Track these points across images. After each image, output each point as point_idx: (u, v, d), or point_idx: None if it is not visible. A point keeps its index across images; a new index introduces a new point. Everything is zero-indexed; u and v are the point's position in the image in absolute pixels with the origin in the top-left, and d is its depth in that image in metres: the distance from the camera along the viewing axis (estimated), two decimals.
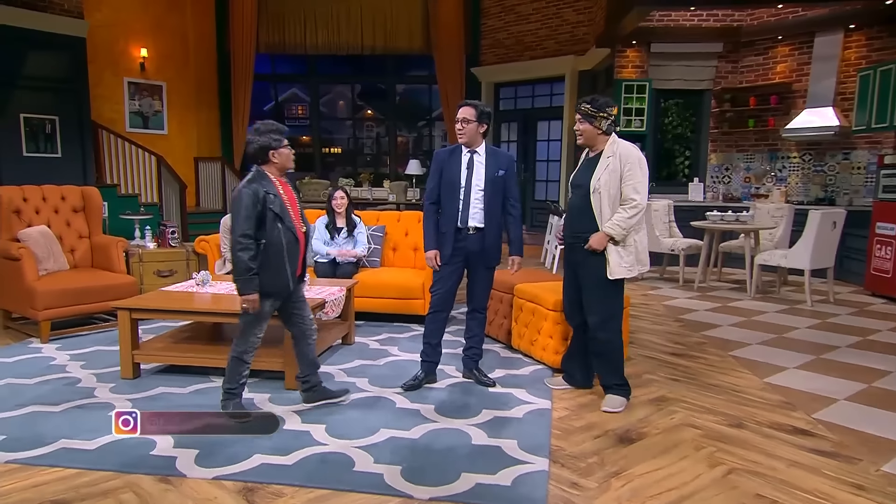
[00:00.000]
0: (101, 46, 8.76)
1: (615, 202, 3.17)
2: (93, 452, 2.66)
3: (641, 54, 8.40)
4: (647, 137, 8.49)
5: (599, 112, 3.16)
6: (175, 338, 3.94)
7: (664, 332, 4.88)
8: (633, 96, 8.28)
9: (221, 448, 2.72)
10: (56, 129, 7.65)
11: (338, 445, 2.77)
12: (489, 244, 3.45)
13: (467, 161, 3.41)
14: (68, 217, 5.04)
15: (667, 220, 7.33)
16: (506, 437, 2.87)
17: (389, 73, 12.34)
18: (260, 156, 2.98)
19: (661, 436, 2.95)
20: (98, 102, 8.66)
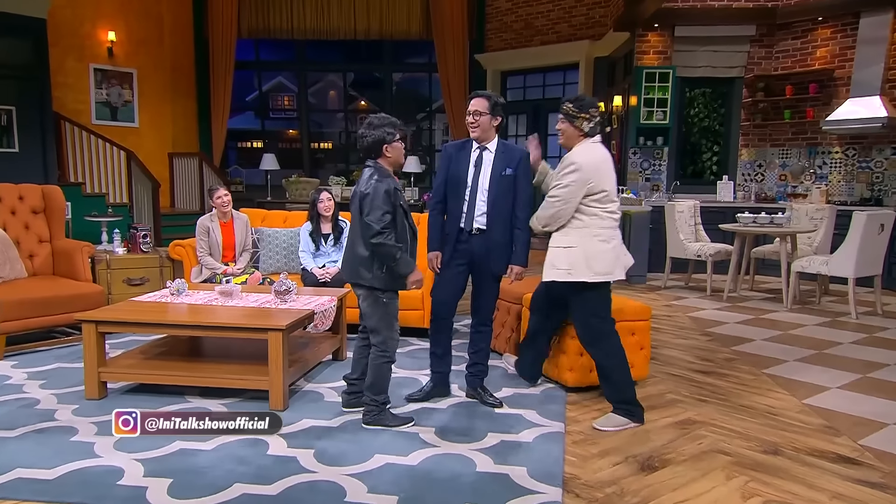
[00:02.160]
0: (63, 29, 8.80)
1: None
2: (53, 482, 2.65)
3: (665, 39, 8.42)
4: (671, 131, 8.51)
5: (581, 113, 3.30)
6: (147, 353, 3.93)
7: (690, 347, 4.87)
8: (655, 85, 8.30)
9: (197, 476, 2.70)
10: (13, 120, 7.67)
11: (328, 473, 2.76)
12: (494, 249, 3.45)
13: (476, 158, 3.44)
14: (27, 219, 5.05)
15: (692, 223, 7.34)
16: (514, 463, 2.86)
17: (385, 60, 12.37)
18: (374, 150, 3.20)
19: (687, 463, 2.94)
20: (61, 91, 8.69)
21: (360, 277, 3.21)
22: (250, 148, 13.76)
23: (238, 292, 4.10)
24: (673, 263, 7.24)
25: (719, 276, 7.04)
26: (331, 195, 5.13)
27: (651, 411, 3.56)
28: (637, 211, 7.40)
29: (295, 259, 5.18)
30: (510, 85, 11.65)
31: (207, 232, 5.04)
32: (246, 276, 4.95)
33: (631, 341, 3.85)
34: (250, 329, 3.51)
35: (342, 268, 3.49)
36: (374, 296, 3.21)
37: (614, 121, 9.69)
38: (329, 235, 5.08)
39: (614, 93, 9.59)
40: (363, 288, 3.23)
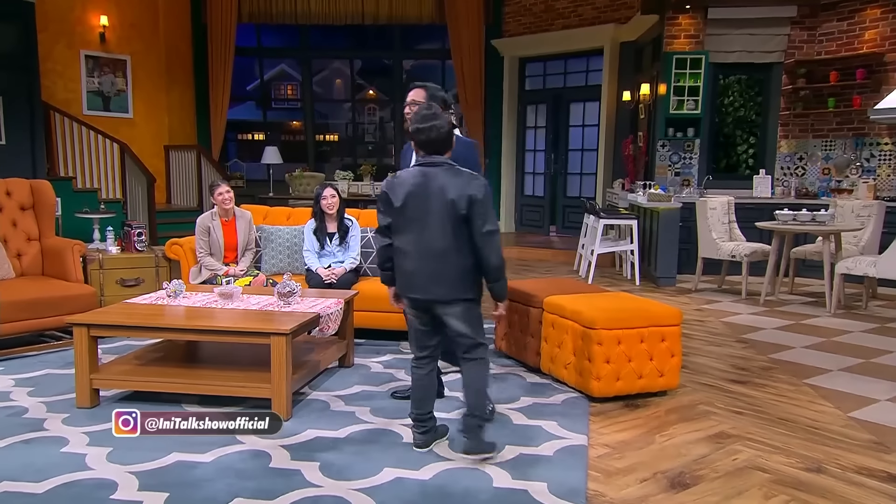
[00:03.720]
0: (52, 13, 8.89)
1: None
2: (41, 497, 2.67)
3: (697, 22, 8.37)
4: (703, 121, 8.46)
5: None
6: (142, 359, 3.96)
7: (724, 355, 4.84)
8: (686, 72, 8.25)
9: (195, 490, 2.72)
10: (0, 112, 7.75)
11: (334, 487, 2.76)
12: None
13: (414, 157, 3.29)
14: (14, 216, 5.11)
15: (726, 221, 7.29)
16: (534, 478, 2.86)
17: (395, 46, 12.41)
18: (448, 142, 3.00)
19: (721, 480, 2.91)
20: (50, 80, 8.79)
21: (464, 292, 2.99)
22: (251, 140, 13.87)
23: (239, 294, 4.12)
24: (705, 264, 7.19)
25: (755, 278, 6.98)
26: (335, 191, 5.14)
27: (682, 424, 3.55)
28: (665, 208, 7.36)
29: (299, 259, 5.20)
30: (529, 72, 11.63)
31: (208, 231, 5.07)
32: (250, 277, 4.97)
33: (661, 348, 3.84)
34: (252, 333, 3.53)
35: (422, 288, 3.02)
36: (471, 306, 3.05)
37: (641, 111, 9.65)
38: (334, 234, 5.09)
39: (641, 80, 9.55)
40: (462, 303, 3.01)
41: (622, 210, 8.21)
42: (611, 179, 10.45)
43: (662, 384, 3.91)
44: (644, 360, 3.82)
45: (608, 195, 10.06)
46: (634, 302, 4.28)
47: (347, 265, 5.01)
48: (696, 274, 7.23)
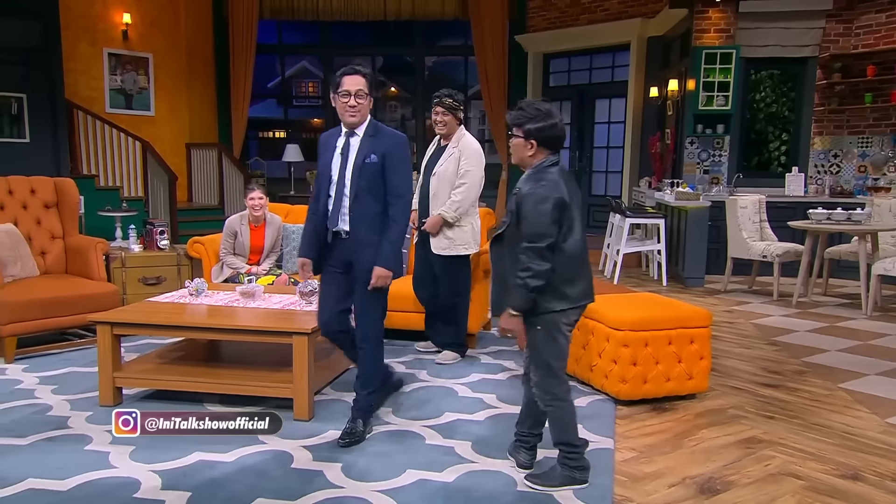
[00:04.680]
0: (75, 10, 9.01)
1: (450, 186, 4.35)
2: (66, 494, 2.72)
3: (727, 15, 8.27)
4: (733, 118, 8.36)
5: (460, 106, 4.38)
6: (164, 358, 4.01)
7: (754, 358, 4.78)
8: (716, 67, 8.16)
9: (218, 490, 2.75)
10: (24, 109, 7.89)
11: (356, 489, 2.78)
12: (362, 252, 3.20)
13: (343, 145, 3.22)
14: (39, 214, 5.19)
15: (757, 220, 7.20)
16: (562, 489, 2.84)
17: (417, 42, 12.41)
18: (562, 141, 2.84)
19: (753, 487, 2.88)
20: (73, 78, 8.92)
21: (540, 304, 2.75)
22: (272, 138, 13.96)
23: (260, 293, 4.15)
24: (735, 264, 7.12)
25: (788, 279, 6.89)
26: None
27: (711, 428, 3.52)
28: (694, 206, 7.29)
29: None
30: (553, 68, 11.57)
31: (235, 234, 5.10)
32: (272, 276, 5.01)
33: (690, 350, 3.81)
34: (273, 332, 3.56)
35: None
36: None
37: (669, 107, 9.56)
38: None
39: (669, 76, 9.46)
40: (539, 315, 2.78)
41: (649, 209, 8.15)
42: (637, 177, 10.37)
43: (691, 387, 3.87)
44: (672, 362, 3.79)
45: (634, 194, 9.99)
46: (662, 303, 4.24)
47: None
48: (725, 274, 7.16)
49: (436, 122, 4.43)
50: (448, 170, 4.38)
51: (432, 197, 4.42)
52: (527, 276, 2.60)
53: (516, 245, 2.69)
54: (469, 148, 4.43)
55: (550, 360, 2.79)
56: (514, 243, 2.71)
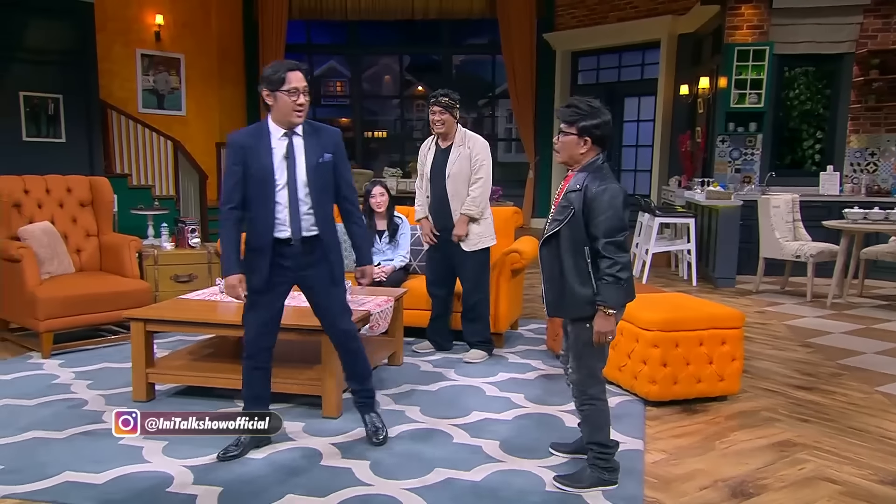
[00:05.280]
0: (110, 12, 9.17)
1: (468, 184, 4.43)
2: (101, 487, 2.77)
3: (760, 11, 8.14)
4: (766, 115, 8.23)
5: (457, 104, 4.40)
6: (195, 354, 4.06)
7: (788, 360, 4.71)
8: (748, 65, 8.03)
9: (249, 485, 2.79)
10: (60, 109, 8.05)
11: (384, 487, 2.79)
12: (330, 253, 3.13)
13: (286, 146, 3.00)
14: (74, 212, 5.29)
15: (790, 220, 7.07)
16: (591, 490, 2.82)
17: (444, 41, 12.44)
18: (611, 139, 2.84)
19: (787, 491, 2.84)
20: (107, 79, 9.07)
21: None
22: None
23: None
24: (767, 265, 7.01)
25: (822, 280, 6.77)
26: (384, 189, 5.17)
27: (743, 431, 3.47)
28: (725, 205, 7.20)
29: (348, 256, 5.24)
30: (582, 66, 11.52)
31: None
32: None
33: (721, 351, 3.76)
34: (303, 330, 3.58)
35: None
36: None
37: (700, 105, 9.45)
38: (384, 232, 5.13)
39: (700, 73, 9.35)
40: None
41: (678, 208, 8.06)
42: (667, 176, 10.27)
43: (722, 389, 3.82)
44: (703, 363, 3.74)
45: (664, 192, 9.89)
46: (693, 303, 4.20)
47: (397, 263, 5.04)
48: (757, 275, 7.05)
49: (434, 122, 4.43)
50: (462, 169, 4.43)
51: (451, 198, 4.45)
52: (616, 270, 2.61)
53: (578, 243, 2.69)
54: (478, 143, 4.51)
55: (595, 361, 2.80)
56: (577, 241, 2.69)
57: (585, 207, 2.67)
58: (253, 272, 3.03)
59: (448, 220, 4.48)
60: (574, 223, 2.69)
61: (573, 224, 2.69)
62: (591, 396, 2.82)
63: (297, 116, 2.97)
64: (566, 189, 2.78)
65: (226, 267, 3.07)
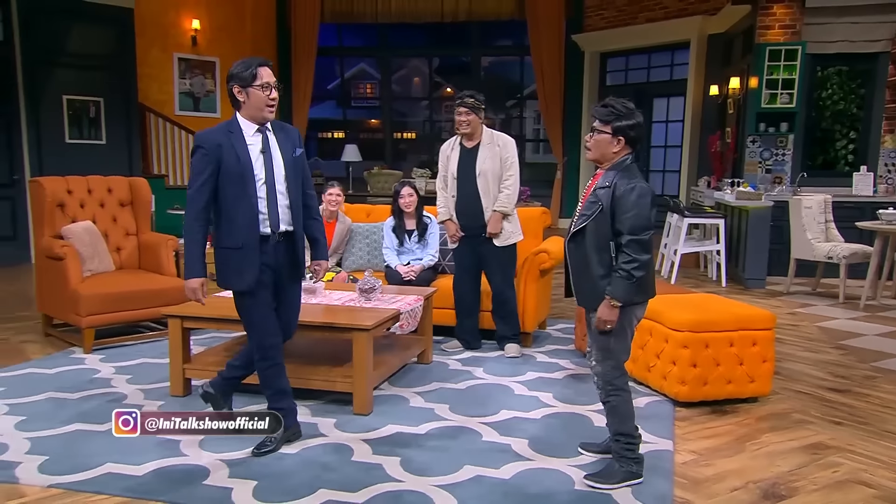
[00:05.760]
0: (148, 18, 9.33)
1: (499, 181, 4.46)
2: (140, 479, 2.83)
3: (793, 11, 8.00)
4: (797, 116, 8.09)
5: (482, 105, 4.43)
6: (230, 351, 4.11)
7: (820, 362, 4.62)
8: (780, 64, 7.91)
9: (282, 480, 2.82)
10: (101, 112, 8.23)
11: (415, 483, 2.80)
12: (300, 248, 3.14)
13: (261, 141, 2.99)
14: (115, 212, 5.39)
15: (822, 221, 6.94)
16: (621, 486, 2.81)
17: (473, 43, 12.43)
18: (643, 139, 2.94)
19: (820, 494, 2.79)
20: (145, 82, 9.25)
21: None
22: (331, 139, 14.18)
23: (322, 290, 4.22)
24: (798, 266, 6.89)
25: (855, 282, 6.63)
26: (413, 189, 5.19)
27: (774, 432, 3.42)
28: (755, 206, 7.09)
29: (378, 255, 5.29)
30: (611, 67, 11.44)
31: None
32: (332, 273, 5.09)
33: (752, 352, 3.70)
34: (334, 328, 3.61)
35: None
36: None
37: (730, 105, 9.32)
38: (413, 232, 5.15)
39: (731, 74, 9.23)
40: None
41: (707, 209, 7.95)
42: (695, 177, 10.14)
43: (753, 390, 3.77)
44: (733, 364, 3.69)
45: (692, 193, 9.77)
46: (723, 304, 4.14)
47: (426, 262, 5.06)
48: (788, 276, 6.93)
49: (460, 123, 4.47)
50: (494, 167, 4.46)
51: (483, 196, 4.46)
52: (632, 267, 2.66)
53: (604, 238, 2.73)
54: (507, 141, 4.56)
55: (619, 353, 2.84)
56: (603, 236, 2.73)
57: (613, 204, 2.70)
58: (243, 271, 2.96)
59: (478, 219, 4.49)
60: (601, 219, 2.73)
61: (600, 220, 2.73)
62: (616, 387, 2.85)
63: (270, 111, 2.98)
64: (595, 186, 2.82)
65: (190, 269, 2.99)
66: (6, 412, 3.53)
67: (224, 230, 2.97)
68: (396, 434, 3.30)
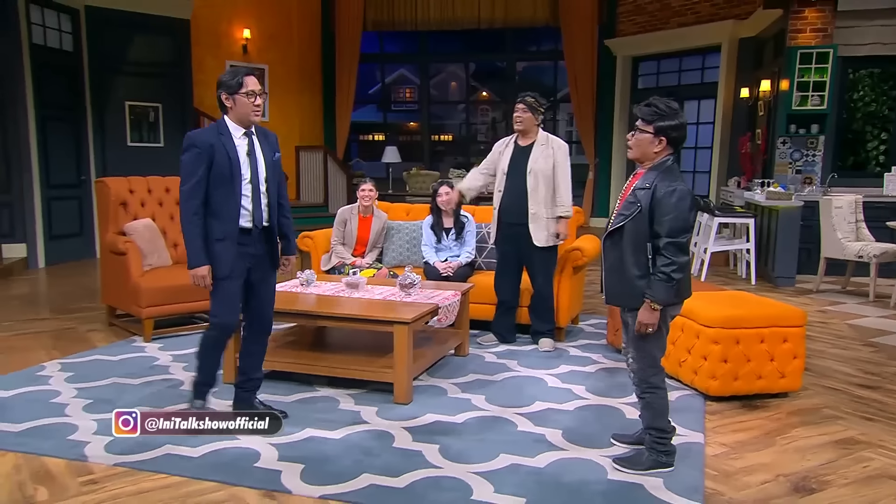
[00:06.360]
0: (203, 28, 9.51)
1: (549, 182, 4.40)
2: (196, 460, 2.89)
3: (825, 14, 7.78)
4: (828, 117, 7.87)
5: (540, 107, 4.41)
6: (278, 342, 4.17)
7: (850, 359, 4.50)
8: (811, 67, 7.69)
9: (327, 464, 2.85)
10: (159, 117, 8.42)
11: (453, 469, 2.81)
12: (275, 242, 3.29)
13: (248, 144, 3.14)
14: (172, 210, 5.50)
15: (853, 220, 6.74)
16: (649, 473, 2.78)
17: (509, 49, 12.37)
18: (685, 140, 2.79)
19: (850, 488, 2.72)
20: (199, 88, 9.41)
21: None
22: (372, 141, 14.27)
23: (364, 284, 4.25)
24: (828, 265, 6.71)
25: (885, 280, 6.43)
26: (451, 189, 5.19)
27: (805, 427, 3.34)
28: (785, 206, 6.92)
29: (417, 252, 5.30)
30: (642, 71, 11.28)
31: (345, 223, 5.28)
32: (373, 270, 5.12)
33: (783, 349, 3.62)
34: (377, 321, 3.63)
35: None
36: None
37: (760, 107, 9.11)
38: (451, 229, 5.15)
39: (761, 76, 9.01)
40: None
41: (737, 208, 7.79)
42: (725, 177, 9.94)
43: (783, 386, 3.68)
44: (764, 360, 3.61)
45: (722, 193, 9.58)
46: (754, 301, 4.05)
47: (463, 259, 5.05)
48: (818, 274, 6.76)
49: (515, 119, 4.48)
50: (545, 168, 4.42)
51: (531, 193, 4.40)
52: (671, 270, 2.60)
53: (641, 238, 2.67)
54: (561, 146, 4.51)
55: (655, 351, 2.79)
56: (640, 237, 2.67)
57: (653, 206, 2.63)
58: (220, 261, 3.09)
59: (523, 216, 4.43)
60: (639, 219, 2.66)
61: (638, 220, 2.67)
62: (652, 384, 2.80)
63: (256, 115, 3.13)
64: (634, 186, 2.74)
65: (194, 258, 3.07)
66: (75, 395, 3.64)
67: (209, 223, 3.09)
68: (435, 423, 3.31)
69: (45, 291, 6.69)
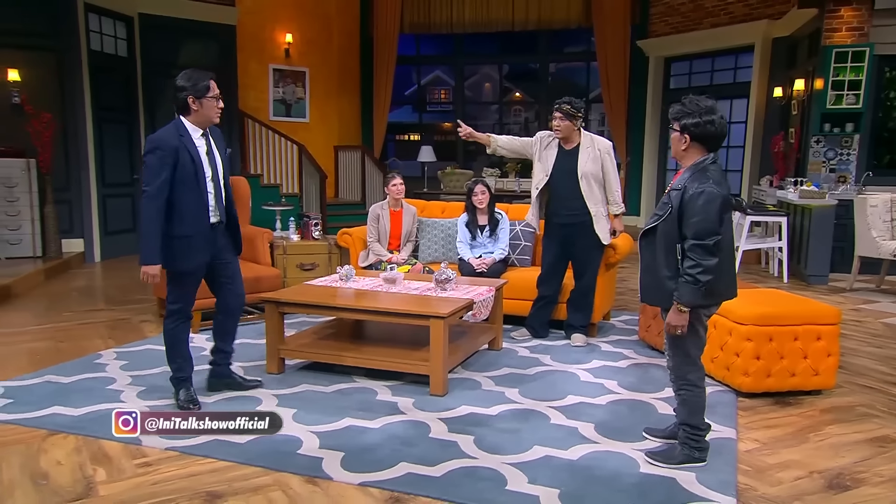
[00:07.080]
0: (248, 33, 9.66)
1: (600, 183, 4.42)
2: (243, 446, 2.94)
3: (861, 13, 7.55)
4: (864, 116, 7.64)
5: (577, 112, 4.35)
6: (319, 334, 4.22)
7: (885, 357, 4.37)
8: (847, 66, 7.47)
9: (367, 452, 2.87)
10: None
11: (488, 460, 2.81)
12: (233, 234, 3.45)
13: (206, 144, 3.27)
14: None
15: (888, 219, 6.54)
16: (681, 467, 2.74)
17: (542, 50, 12.29)
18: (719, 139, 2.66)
19: (885, 486, 2.65)
20: (244, 91, 9.57)
21: None
22: (408, 141, 14.32)
23: (401, 280, 4.27)
24: (862, 263, 6.52)
25: None
26: (486, 187, 5.18)
27: (838, 425, 3.26)
28: (819, 205, 6.74)
29: (452, 249, 5.31)
30: (674, 71, 11.08)
31: (377, 218, 5.31)
32: (408, 266, 5.15)
33: (816, 347, 3.54)
34: (413, 315, 3.65)
35: None
36: None
37: (794, 106, 8.88)
38: (485, 227, 5.14)
39: (795, 76, 8.78)
40: None
41: (770, 207, 7.62)
42: (757, 176, 9.73)
43: (817, 383, 3.60)
44: (797, 358, 3.54)
45: (754, 192, 9.38)
46: (787, 299, 3.96)
47: (497, 255, 5.04)
48: (851, 273, 6.57)
49: (553, 127, 4.43)
50: (595, 170, 4.40)
51: (587, 195, 4.36)
52: (697, 272, 2.53)
53: (671, 239, 2.62)
54: (607, 146, 4.49)
55: (690, 349, 2.74)
56: (671, 238, 2.62)
57: (682, 207, 2.58)
58: (187, 256, 3.21)
59: (574, 216, 4.40)
60: (670, 220, 2.62)
61: (669, 221, 2.62)
62: (689, 381, 2.76)
63: (217, 117, 3.27)
64: (670, 186, 2.71)
65: (149, 256, 3.15)
66: (129, 383, 3.74)
67: (175, 222, 3.16)
68: (470, 414, 3.31)
69: (101, 284, 6.87)
